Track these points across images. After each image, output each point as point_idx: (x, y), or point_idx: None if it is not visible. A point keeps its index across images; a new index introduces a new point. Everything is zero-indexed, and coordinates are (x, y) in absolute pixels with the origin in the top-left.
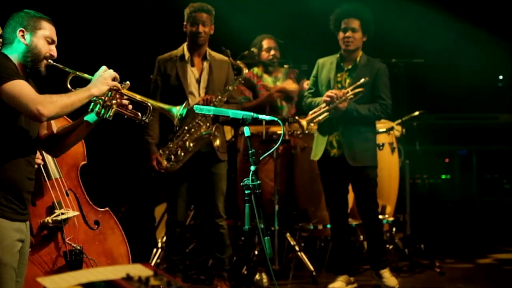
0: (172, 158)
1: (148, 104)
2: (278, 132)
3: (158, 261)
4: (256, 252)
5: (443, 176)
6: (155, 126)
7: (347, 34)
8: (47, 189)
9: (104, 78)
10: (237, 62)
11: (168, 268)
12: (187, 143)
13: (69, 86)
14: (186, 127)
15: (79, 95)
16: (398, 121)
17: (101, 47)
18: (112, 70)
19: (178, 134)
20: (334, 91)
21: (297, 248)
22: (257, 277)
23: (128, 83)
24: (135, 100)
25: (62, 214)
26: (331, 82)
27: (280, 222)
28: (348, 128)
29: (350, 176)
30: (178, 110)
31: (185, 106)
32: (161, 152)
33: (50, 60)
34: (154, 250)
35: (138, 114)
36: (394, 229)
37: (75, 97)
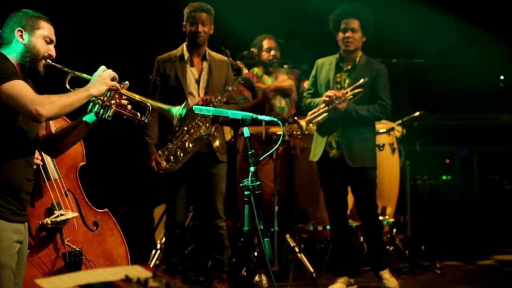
0: (171, 159)
1: (147, 104)
2: (278, 132)
3: (157, 262)
4: (255, 253)
5: (444, 177)
6: (154, 126)
7: (347, 35)
8: (46, 190)
9: (103, 78)
10: (236, 62)
11: (167, 269)
12: (187, 144)
13: (67, 86)
14: (185, 128)
15: (78, 95)
16: (399, 121)
17: (100, 47)
18: (111, 70)
19: (178, 134)
20: (333, 92)
21: (297, 249)
22: (256, 278)
23: (127, 83)
24: (134, 100)
25: (61, 215)
26: (330, 83)
27: (279, 223)
28: (347, 128)
29: (349, 177)
30: (178, 110)
31: (184, 106)
32: (160, 152)
33: (48, 60)
34: (153, 251)
35: (137, 114)
36: (394, 230)
37: (74, 97)
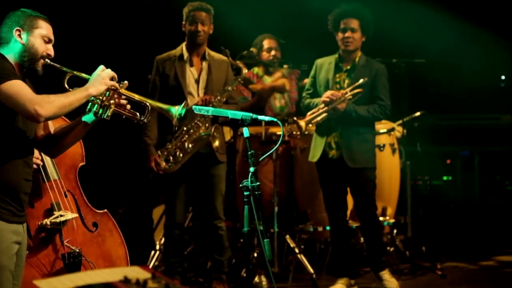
0: (170, 159)
1: (146, 104)
2: (278, 133)
3: (156, 263)
4: (255, 254)
5: (445, 177)
6: (154, 127)
7: (347, 35)
8: (46, 190)
9: (102, 78)
10: (236, 62)
11: (166, 270)
12: (186, 144)
13: (66, 85)
14: (185, 128)
15: (77, 95)
16: (399, 121)
17: (99, 46)
18: (110, 70)
19: (177, 135)
20: (333, 92)
21: (297, 250)
22: (256, 279)
23: (126, 83)
24: (134, 100)
25: (60, 216)
26: (330, 83)
27: (279, 224)
28: (346, 129)
29: (348, 177)
30: (177, 110)
31: (184, 106)
32: (159, 153)
33: (47, 59)
34: (152, 252)
35: (137, 114)
36: (395, 231)
37: (73, 97)
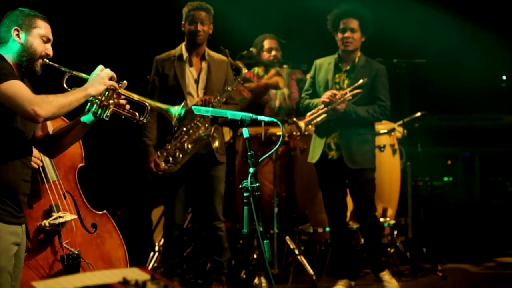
0: (170, 160)
1: (145, 104)
2: (277, 133)
3: (156, 264)
4: (255, 255)
5: (446, 178)
6: (153, 127)
7: (346, 35)
8: (45, 191)
9: (101, 78)
10: (236, 62)
11: (165, 272)
12: (186, 145)
13: (65, 85)
14: (184, 128)
15: (76, 95)
16: (400, 122)
17: (98, 46)
18: (109, 70)
19: (176, 135)
20: (332, 92)
21: (296, 251)
22: (256, 281)
23: (125, 83)
24: (133, 100)
25: (59, 217)
26: (329, 83)
27: (279, 225)
28: (346, 130)
29: (348, 178)
30: (177, 110)
31: (183, 106)
32: (159, 153)
33: (45, 59)
34: (151, 253)
35: (136, 114)
36: (395, 232)
37: (72, 97)
